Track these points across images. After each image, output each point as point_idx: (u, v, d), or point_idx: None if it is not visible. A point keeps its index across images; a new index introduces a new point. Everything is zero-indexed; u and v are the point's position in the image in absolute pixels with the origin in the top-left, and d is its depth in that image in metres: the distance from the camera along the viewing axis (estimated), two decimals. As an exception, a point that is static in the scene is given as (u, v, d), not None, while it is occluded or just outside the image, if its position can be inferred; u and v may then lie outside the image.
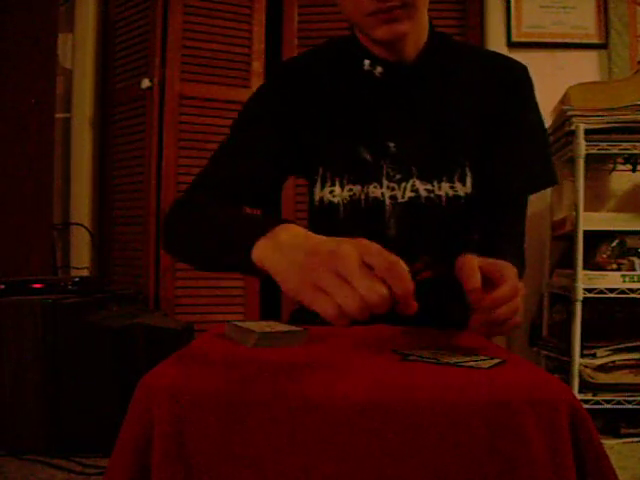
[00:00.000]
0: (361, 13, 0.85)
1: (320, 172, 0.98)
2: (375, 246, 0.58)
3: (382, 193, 0.95)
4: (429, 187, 0.94)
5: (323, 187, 0.97)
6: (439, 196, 0.93)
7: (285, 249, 0.62)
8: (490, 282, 0.71)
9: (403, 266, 0.56)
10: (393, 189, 0.94)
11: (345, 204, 0.96)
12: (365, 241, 0.58)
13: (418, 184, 0.94)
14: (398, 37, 0.87)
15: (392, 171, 0.95)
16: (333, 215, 0.97)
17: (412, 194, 0.94)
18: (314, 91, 0.98)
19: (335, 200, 0.96)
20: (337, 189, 0.96)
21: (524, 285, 0.97)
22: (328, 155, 0.97)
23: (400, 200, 0.94)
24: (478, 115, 0.95)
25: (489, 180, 0.95)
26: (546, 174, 0.98)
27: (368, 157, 0.95)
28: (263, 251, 0.64)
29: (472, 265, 0.70)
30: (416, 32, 0.92)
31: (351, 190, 0.95)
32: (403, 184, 0.94)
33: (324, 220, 0.99)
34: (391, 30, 0.85)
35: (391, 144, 0.95)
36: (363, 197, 0.95)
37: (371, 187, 0.95)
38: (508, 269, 0.73)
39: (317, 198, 0.99)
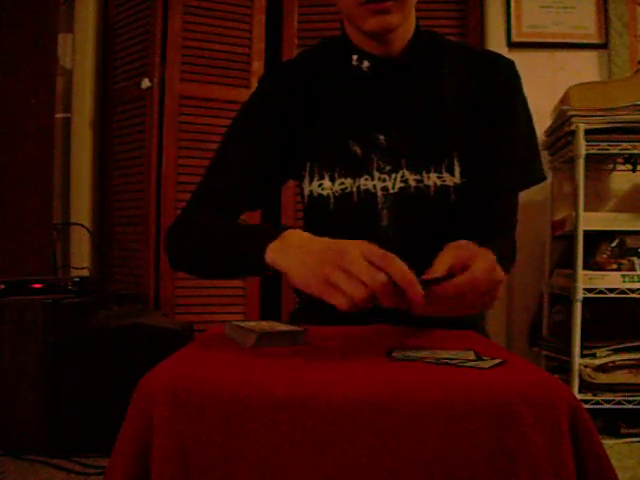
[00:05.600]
0: (353, 3, 0.87)
1: (308, 167, 0.99)
2: (373, 245, 0.66)
3: (374, 185, 0.96)
4: (418, 177, 0.95)
5: (312, 181, 0.99)
6: (427, 186, 0.94)
7: (294, 250, 0.71)
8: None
9: (399, 260, 0.65)
10: (384, 180, 0.96)
11: (337, 197, 0.97)
12: (365, 242, 0.67)
13: (407, 175, 0.95)
14: (388, 29, 0.88)
15: (382, 163, 0.96)
16: (324, 208, 0.98)
17: (402, 184, 0.95)
18: (304, 89, 1.00)
19: (324, 193, 0.97)
20: (326, 182, 0.97)
21: (524, 285, 0.98)
22: (318, 150, 0.98)
23: (391, 191, 0.96)
24: (465, 107, 0.96)
25: (477, 174, 0.95)
26: (533, 171, 0.98)
27: (358, 150, 0.96)
28: (275, 253, 0.74)
29: (442, 259, 0.72)
30: (404, 26, 0.93)
31: (343, 184, 0.97)
32: (393, 175, 0.95)
33: (316, 213, 1.00)
34: (381, 21, 0.87)
35: (380, 136, 0.96)
36: (355, 190, 0.96)
37: (362, 180, 0.96)
38: (479, 260, 0.71)
39: (307, 192, 1.00)
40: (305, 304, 1.09)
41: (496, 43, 2.51)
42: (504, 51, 2.46)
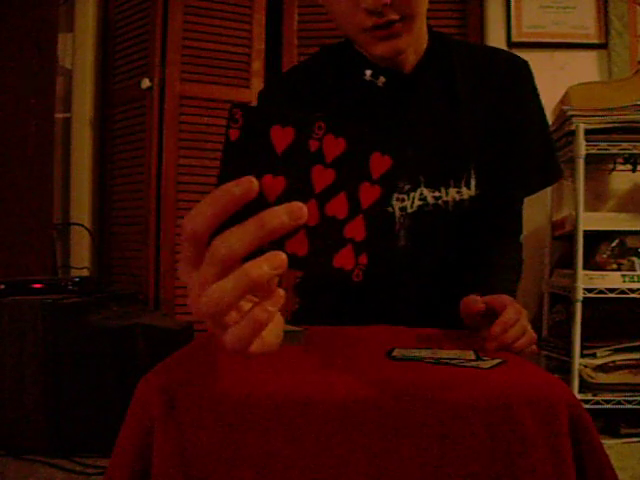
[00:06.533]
0: (357, 29, 0.82)
1: None
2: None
3: (392, 205, 0.93)
4: (437, 194, 0.92)
5: None
6: (446, 202, 0.92)
7: None
8: (493, 313, 0.74)
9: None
10: (403, 200, 0.93)
11: None
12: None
13: (426, 192, 0.92)
14: (398, 53, 0.85)
15: (401, 182, 0.93)
16: None
17: (420, 202, 0.92)
18: (315, 105, 0.95)
19: None
20: None
21: (524, 285, 0.98)
22: None
23: (409, 211, 0.93)
24: (481, 114, 0.94)
25: (494, 180, 0.94)
26: (551, 170, 0.97)
27: None
28: None
29: (473, 299, 0.76)
30: (416, 43, 0.91)
31: None
32: (412, 194, 0.92)
33: None
34: (390, 47, 0.83)
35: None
36: None
37: None
38: (506, 298, 0.76)
39: None
40: (305, 304, 1.09)
41: (496, 43, 2.51)
42: (504, 51, 2.46)
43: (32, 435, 1.78)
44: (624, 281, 2.00)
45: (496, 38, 2.53)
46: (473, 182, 0.92)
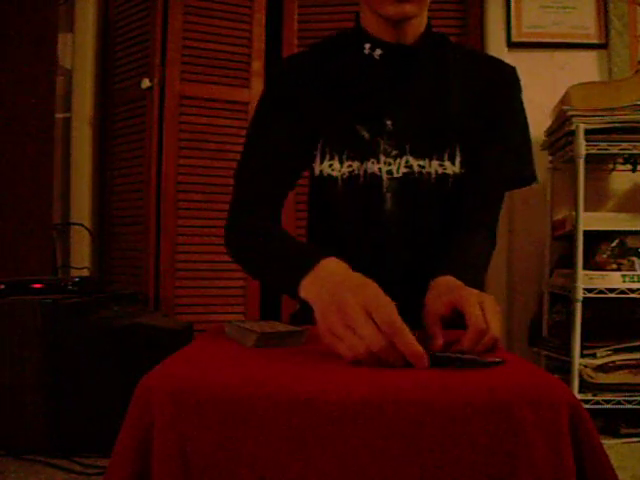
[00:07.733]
0: None
1: (319, 147, 1.01)
2: (382, 299, 0.64)
3: (379, 168, 0.99)
4: (421, 163, 0.98)
5: (322, 161, 1.01)
6: (429, 173, 0.98)
7: (320, 289, 0.72)
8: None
9: (407, 330, 0.62)
10: (389, 164, 0.99)
11: (344, 179, 1.00)
12: (373, 292, 0.66)
13: (412, 160, 0.98)
14: (405, 16, 0.92)
15: (389, 147, 0.99)
16: (332, 189, 1.01)
17: (406, 170, 0.98)
18: (317, 78, 1.02)
19: (334, 174, 1.00)
20: (336, 164, 1.00)
21: (524, 285, 0.99)
22: (328, 132, 1.01)
23: (395, 175, 0.99)
24: (470, 102, 1.00)
25: (475, 169, 1.00)
26: (527, 172, 1.03)
27: (366, 134, 0.99)
28: (306, 290, 0.76)
29: (433, 321, 0.78)
30: (418, 20, 0.97)
31: (350, 166, 1.00)
32: (398, 160, 0.99)
33: (323, 194, 1.03)
34: (400, 9, 0.91)
35: (388, 122, 0.99)
36: (362, 173, 0.99)
37: (369, 163, 0.99)
38: (469, 304, 0.75)
39: (317, 172, 1.02)
40: (306, 304, 1.09)
41: (496, 43, 2.50)
42: (504, 51, 2.46)
43: (32, 435, 1.78)
44: (624, 281, 2.00)
45: (496, 38, 2.53)
46: (458, 159, 0.98)
